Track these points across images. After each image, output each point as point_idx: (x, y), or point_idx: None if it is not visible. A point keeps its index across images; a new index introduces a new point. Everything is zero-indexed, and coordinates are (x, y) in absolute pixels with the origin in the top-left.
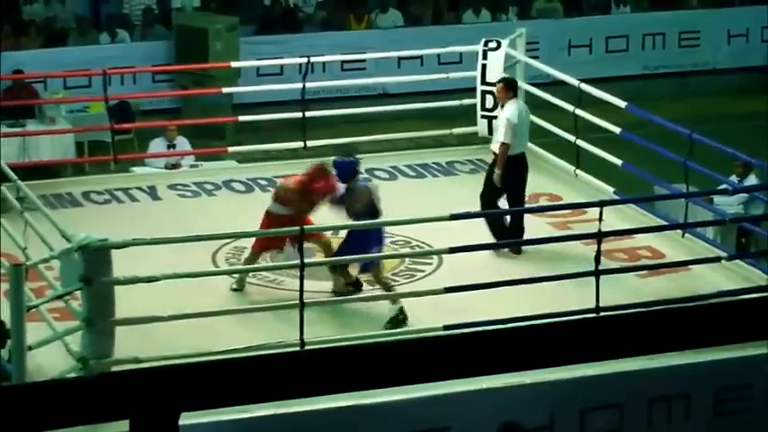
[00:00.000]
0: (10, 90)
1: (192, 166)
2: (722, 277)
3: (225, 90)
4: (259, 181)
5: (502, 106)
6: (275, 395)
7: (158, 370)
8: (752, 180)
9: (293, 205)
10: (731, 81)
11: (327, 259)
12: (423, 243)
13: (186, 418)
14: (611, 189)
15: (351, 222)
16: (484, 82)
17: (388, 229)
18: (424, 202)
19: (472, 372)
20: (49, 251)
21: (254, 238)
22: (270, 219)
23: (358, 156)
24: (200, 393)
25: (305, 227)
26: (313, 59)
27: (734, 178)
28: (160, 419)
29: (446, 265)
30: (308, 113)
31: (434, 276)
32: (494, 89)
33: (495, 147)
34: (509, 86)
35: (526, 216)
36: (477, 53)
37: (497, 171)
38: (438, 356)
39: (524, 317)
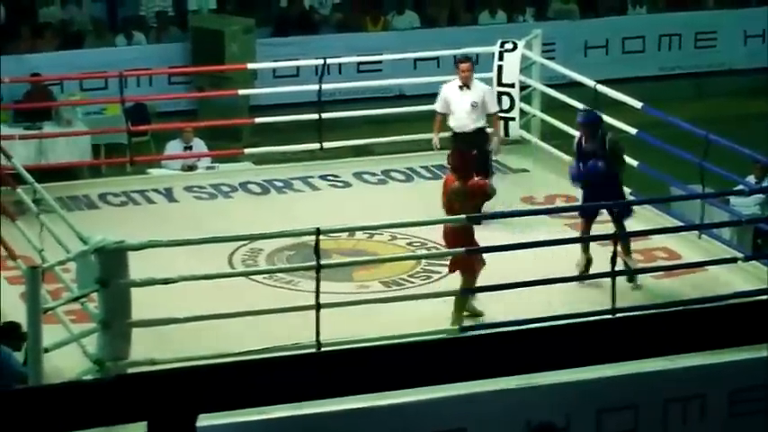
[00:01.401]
0: (29, 94)
1: (208, 167)
2: (738, 278)
3: (241, 92)
4: (275, 182)
5: (468, 86)
6: (292, 396)
7: (175, 372)
8: None
9: (462, 204)
10: (747, 82)
11: (342, 260)
12: (439, 245)
13: (204, 420)
14: (628, 190)
15: (375, 224)
16: (500, 83)
17: (403, 230)
18: (441, 204)
19: (488, 373)
20: (66, 253)
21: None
22: (457, 233)
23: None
24: (217, 395)
25: (321, 228)
26: (329, 61)
27: (751, 179)
28: (178, 421)
29: None
30: (324, 115)
31: (451, 278)
32: (511, 90)
33: (478, 123)
34: (474, 64)
35: (544, 217)
36: (493, 54)
37: (501, 136)
38: (454, 358)
39: (540, 318)
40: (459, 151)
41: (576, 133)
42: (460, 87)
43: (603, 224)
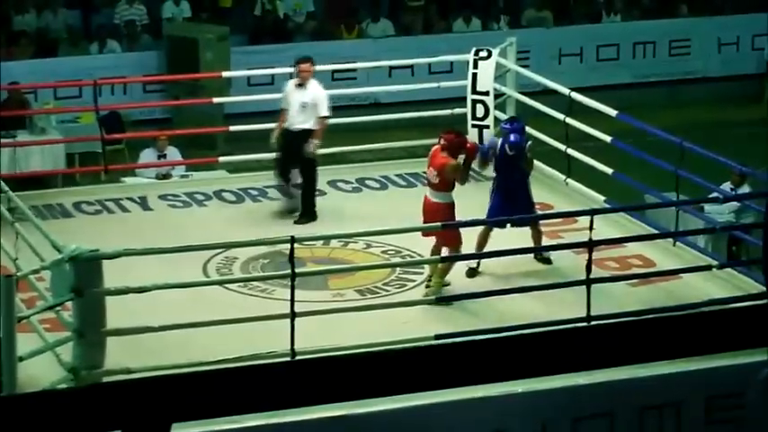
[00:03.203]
0: (4, 102)
1: (182, 176)
2: (713, 285)
3: (216, 100)
4: (250, 191)
5: (303, 86)
6: (267, 405)
7: (150, 380)
8: (745, 189)
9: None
10: (722, 89)
11: (316, 269)
12: (414, 252)
13: (178, 429)
14: (603, 198)
15: (349, 232)
16: (475, 91)
17: (378, 238)
18: (416, 212)
19: (464, 381)
20: (40, 262)
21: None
22: (447, 209)
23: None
24: (191, 404)
25: (295, 236)
26: None
27: (726, 186)
28: (152, 430)
29: None
30: None
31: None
32: (485, 98)
33: (305, 125)
34: (313, 65)
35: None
36: (467, 62)
37: (317, 143)
38: (429, 366)
39: (515, 326)
40: (456, 132)
41: (551, 141)
42: (297, 86)
43: (580, 231)
